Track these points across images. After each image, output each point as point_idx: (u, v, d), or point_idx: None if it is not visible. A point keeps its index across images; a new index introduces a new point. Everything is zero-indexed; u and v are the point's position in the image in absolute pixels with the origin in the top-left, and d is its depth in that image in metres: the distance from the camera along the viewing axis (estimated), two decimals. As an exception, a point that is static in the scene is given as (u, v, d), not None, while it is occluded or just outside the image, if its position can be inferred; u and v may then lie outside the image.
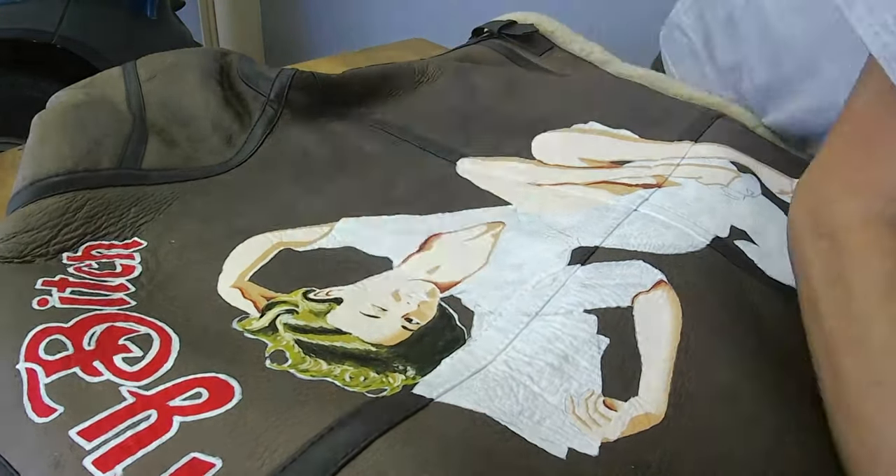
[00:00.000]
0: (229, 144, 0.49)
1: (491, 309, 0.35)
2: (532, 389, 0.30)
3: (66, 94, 0.49)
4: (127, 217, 0.40)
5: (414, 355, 0.32)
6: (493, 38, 0.72)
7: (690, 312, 0.35)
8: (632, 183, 0.45)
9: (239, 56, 0.58)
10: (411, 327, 0.34)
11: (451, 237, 0.41)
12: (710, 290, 0.37)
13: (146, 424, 0.26)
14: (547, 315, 0.34)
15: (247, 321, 0.33)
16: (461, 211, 0.43)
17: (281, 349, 0.32)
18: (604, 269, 0.37)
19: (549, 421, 0.29)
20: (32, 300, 0.32)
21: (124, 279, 0.36)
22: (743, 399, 0.31)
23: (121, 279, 0.36)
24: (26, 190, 0.39)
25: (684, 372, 0.32)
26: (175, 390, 0.28)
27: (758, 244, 0.41)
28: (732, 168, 0.47)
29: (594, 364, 0.32)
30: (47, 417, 0.27)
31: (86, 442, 0.26)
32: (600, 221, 0.41)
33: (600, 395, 0.31)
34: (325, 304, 0.35)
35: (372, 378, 0.30)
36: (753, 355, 0.33)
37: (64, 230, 0.38)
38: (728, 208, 0.43)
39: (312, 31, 1.97)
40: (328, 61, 0.84)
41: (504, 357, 0.31)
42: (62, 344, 0.30)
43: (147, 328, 0.32)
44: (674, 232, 0.40)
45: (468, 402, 0.29)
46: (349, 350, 0.32)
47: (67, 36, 1.14)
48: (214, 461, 0.25)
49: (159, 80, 0.54)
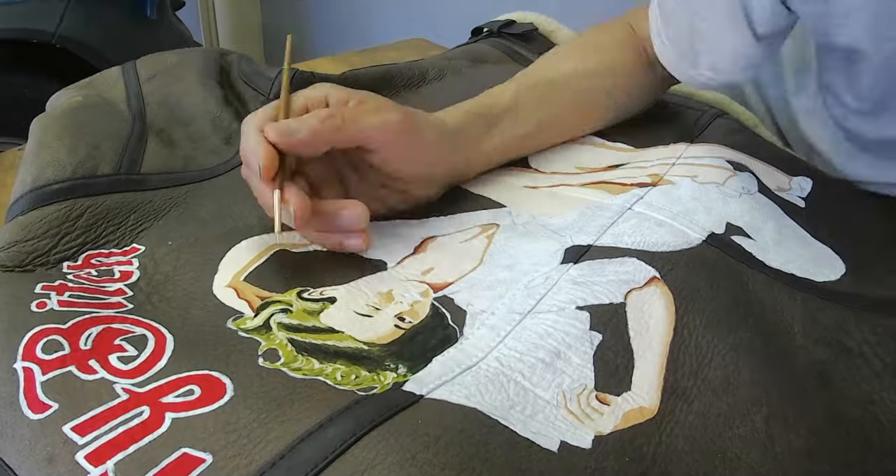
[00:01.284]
0: (229, 144, 0.50)
1: (483, 308, 0.35)
2: (523, 385, 0.30)
3: (64, 96, 0.49)
4: (126, 224, 0.40)
5: (406, 354, 0.32)
6: (492, 37, 0.73)
7: (683, 307, 0.35)
8: (627, 182, 0.45)
9: (239, 56, 0.58)
10: (404, 326, 0.34)
11: (445, 239, 0.41)
12: (705, 284, 0.37)
13: (138, 420, 0.27)
14: (539, 313, 0.34)
15: (241, 320, 0.34)
16: (456, 214, 0.43)
17: (274, 348, 0.32)
18: (596, 267, 0.37)
19: (541, 415, 0.29)
20: (31, 303, 0.33)
21: (122, 284, 0.36)
22: (737, 391, 0.31)
23: (119, 284, 0.36)
24: (26, 197, 0.39)
25: (677, 367, 0.32)
26: (168, 387, 0.29)
27: (755, 239, 0.41)
28: (728, 167, 0.47)
29: (586, 360, 0.32)
30: (42, 414, 0.27)
31: (79, 437, 0.26)
32: (594, 220, 0.41)
33: (593, 390, 0.31)
34: (319, 303, 0.35)
35: (363, 376, 0.31)
36: (749, 347, 0.34)
37: (64, 239, 0.38)
38: (723, 206, 0.43)
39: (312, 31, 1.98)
40: (328, 61, 0.84)
41: (496, 354, 0.32)
42: (59, 344, 0.30)
43: (143, 329, 0.32)
44: (668, 229, 0.40)
45: (459, 397, 0.29)
46: (341, 349, 0.32)
47: (67, 36, 1.15)
48: (205, 456, 0.25)
49: (159, 80, 0.54)
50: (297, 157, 0.39)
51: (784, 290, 0.38)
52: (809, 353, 0.35)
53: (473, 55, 0.68)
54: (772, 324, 0.36)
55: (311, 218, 0.37)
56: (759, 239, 0.41)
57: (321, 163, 0.40)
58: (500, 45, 0.69)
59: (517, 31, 0.70)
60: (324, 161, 0.40)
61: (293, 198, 0.36)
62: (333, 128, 0.37)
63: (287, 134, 0.36)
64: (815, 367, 0.34)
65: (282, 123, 0.37)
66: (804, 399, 0.32)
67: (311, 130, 0.36)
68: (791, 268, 0.40)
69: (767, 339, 0.34)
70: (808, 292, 0.38)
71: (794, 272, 0.40)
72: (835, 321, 0.37)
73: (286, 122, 0.37)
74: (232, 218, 0.42)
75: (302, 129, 0.36)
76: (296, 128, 0.36)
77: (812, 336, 0.36)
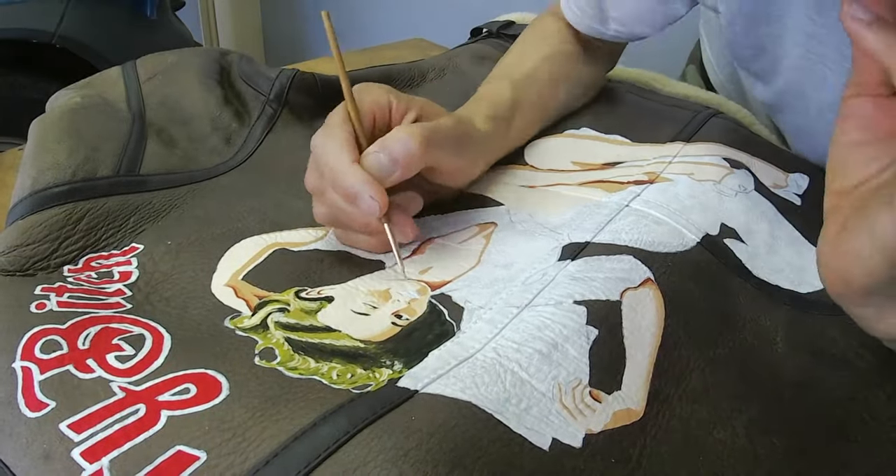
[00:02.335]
0: (228, 143, 0.50)
1: (481, 304, 0.35)
2: (520, 376, 0.30)
3: (63, 97, 0.49)
4: (126, 226, 0.40)
5: (402, 350, 0.32)
6: (491, 37, 0.73)
7: (673, 315, 0.35)
8: (624, 180, 0.45)
9: (239, 55, 0.58)
10: (401, 323, 0.34)
11: (443, 240, 0.41)
12: (696, 292, 0.37)
13: (134, 418, 0.27)
14: (537, 306, 0.34)
15: (238, 319, 0.34)
16: (453, 213, 0.43)
17: (270, 347, 0.32)
18: (594, 263, 0.37)
19: (536, 409, 0.29)
20: (31, 304, 0.33)
21: (121, 284, 0.36)
22: (717, 401, 0.32)
23: (118, 285, 0.36)
24: (25, 201, 0.39)
25: (662, 373, 0.32)
26: (164, 386, 0.29)
27: (746, 243, 0.42)
28: (725, 164, 0.47)
29: (582, 353, 0.32)
30: (39, 412, 0.27)
31: (75, 434, 0.26)
32: (591, 218, 0.42)
33: (587, 386, 0.31)
34: (317, 302, 0.35)
35: (359, 374, 0.31)
36: (727, 362, 0.34)
37: (65, 243, 0.38)
38: (719, 205, 0.43)
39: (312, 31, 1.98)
40: (328, 61, 0.84)
41: (493, 345, 0.32)
42: (57, 344, 0.30)
43: (140, 329, 0.32)
44: (665, 228, 0.41)
45: (454, 389, 0.29)
46: (338, 347, 0.32)
47: (67, 36, 1.15)
48: (199, 454, 0.25)
49: (159, 80, 0.54)
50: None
51: (769, 301, 0.38)
52: (791, 361, 0.35)
53: (474, 55, 0.68)
54: (753, 336, 0.36)
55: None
56: (750, 243, 0.42)
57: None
58: (501, 46, 0.69)
59: (517, 32, 0.70)
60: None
61: (403, 218, 0.37)
62: (420, 161, 0.37)
63: (392, 174, 0.36)
64: (796, 374, 0.34)
65: (392, 161, 0.36)
66: (784, 404, 0.32)
67: (410, 164, 0.36)
68: (778, 278, 0.40)
69: (748, 353, 0.35)
70: (792, 303, 0.39)
71: (780, 283, 0.40)
72: (818, 329, 0.37)
73: (392, 158, 0.36)
74: (231, 218, 0.42)
75: (397, 166, 0.36)
76: (394, 167, 0.36)
77: (794, 345, 0.36)
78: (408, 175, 0.37)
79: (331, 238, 0.41)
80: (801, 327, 0.37)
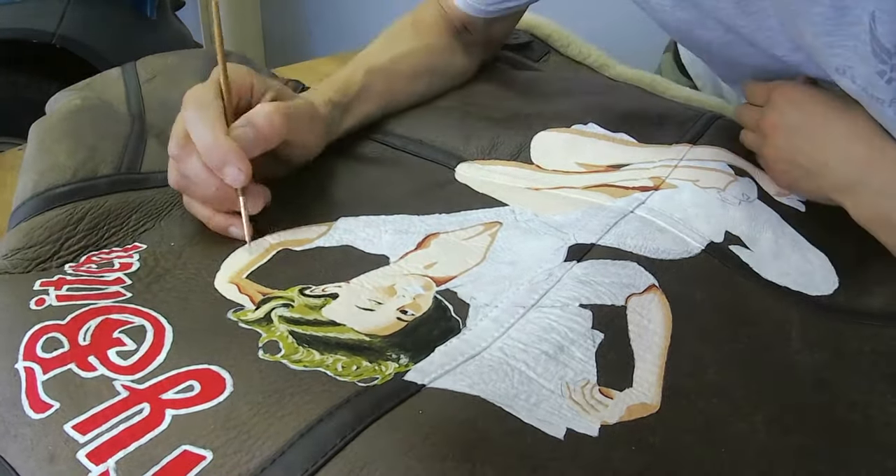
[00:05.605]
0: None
1: (486, 301, 0.35)
2: (528, 374, 0.30)
3: (62, 99, 0.49)
4: (128, 225, 0.40)
5: (408, 344, 0.32)
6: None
7: (680, 317, 0.35)
8: (629, 186, 0.45)
9: (239, 57, 0.58)
10: (406, 318, 0.34)
11: (448, 236, 0.41)
12: (702, 295, 0.37)
13: (139, 418, 0.27)
14: (543, 307, 0.34)
15: (242, 312, 0.34)
16: (459, 211, 0.43)
17: (274, 339, 0.32)
18: (599, 267, 0.37)
19: (546, 404, 0.29)
20: (30, 301, 0.33)
21: (121, 273, 0.36)
22: (735, 397, 0.32)
23: (118, 273, 0.36)
24: (27, 204, 0.39)
25: (675, 369, 0.32)
26: (168, 383, 0.28)
27: (752, 250, 0.41)
28: (729, 171, 0.47)
29: (589, 356, 0.32)
30: (44, 413, 0.27)
31: (80, 435, 0.26)
32: (597, 219, 0.41)
33: (595, 384, 0.31)
34: (321, 299, 0.35)
35: (364, 367, 0.31)
36: (742, 358, 0.34)
37: (66, 244, 0.38)
38: (723, 213, 0.43)
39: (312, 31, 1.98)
40: (328, 61, 0.84)
41: (499, 344, 0.32)
42: (58, 341, 0.30)
43: (141, 319, 0.32)
44: (669, 236, 0.40)
45: (462, 385, 0.29)
46: (343, 340, 0.32)
47: (67, 36, 1.14)
48: (205, 453, 0.25)
49: (159, 81, 0.54)
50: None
51: (780, 301, 0.38)
52: (807, 357, 0.35)
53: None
54: (768, 333, 0.36)
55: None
56: (755, 250, 0.41)
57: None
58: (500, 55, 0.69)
59: (512, 42, 0.70)
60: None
61: (257, 188, 0.39)
62: (281, 135, 0.40)
63: (257, 147, 0.39)
64: (812, 371, 0.34)
65: (257, 134, 0.39)
66: (802, 402, 0.32)
67: (272, 138, 0.39)
68: (785, 281, 0.40)
69: (763, 349, 0.35)
70: (804, 304, 0.39)
71: (789, 286, 0.40)
72: (832, 331, 0.37)
73: (258, 132, 0.39)
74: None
75: (261, 139, 0.39)
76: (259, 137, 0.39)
77: (809, 341, 0.36)
78: (269, 147, 0.40)
79: (333, 233, 0.41)
80: (815, 327, 0.37)
